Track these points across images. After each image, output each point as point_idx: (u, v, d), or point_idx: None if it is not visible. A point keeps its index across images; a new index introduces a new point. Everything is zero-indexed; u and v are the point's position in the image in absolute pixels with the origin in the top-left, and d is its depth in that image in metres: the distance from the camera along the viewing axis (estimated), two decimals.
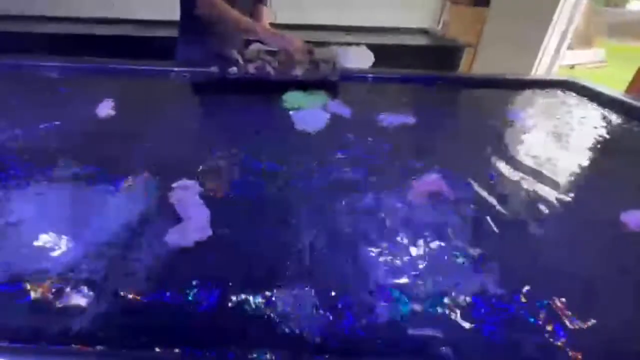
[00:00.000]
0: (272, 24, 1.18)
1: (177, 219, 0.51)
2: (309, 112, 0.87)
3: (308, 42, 1.23)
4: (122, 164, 0.63)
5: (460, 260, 0.46)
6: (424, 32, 2.31)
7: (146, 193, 0.57)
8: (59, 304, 0.38)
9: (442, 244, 0.48)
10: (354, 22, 2.24)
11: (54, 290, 0.40)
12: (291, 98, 0.93)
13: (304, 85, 0.97)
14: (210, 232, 0.49)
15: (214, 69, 0.97)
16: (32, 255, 0.45)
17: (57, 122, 0.76)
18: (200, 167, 0.63)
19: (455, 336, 0.36)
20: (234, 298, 0.40)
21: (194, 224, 0.50)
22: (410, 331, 0.37)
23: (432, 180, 0.63)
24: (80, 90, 0.95)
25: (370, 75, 1.10)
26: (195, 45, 1.09)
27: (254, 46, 1.15)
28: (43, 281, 0.41)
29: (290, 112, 0.86)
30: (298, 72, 0.97)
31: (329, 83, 0.99)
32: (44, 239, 0.47)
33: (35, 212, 0.52)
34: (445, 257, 0.46)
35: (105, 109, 0.83)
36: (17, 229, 0.49)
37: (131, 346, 0.35)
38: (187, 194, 0.55)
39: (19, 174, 0.60)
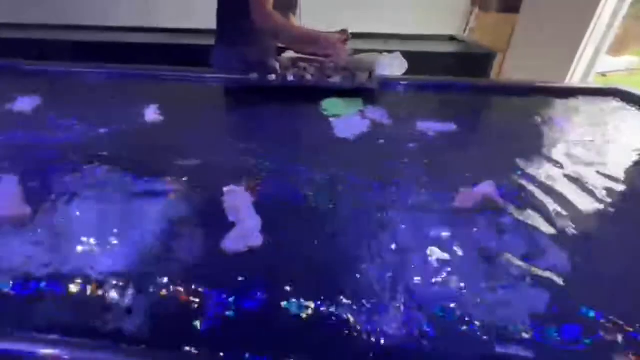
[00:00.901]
0: None
1: (229, 225, 0.52)
2: (348, 118, 0.87)
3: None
4: (171, 167, 0.65)
5: (530, 275, 0.44)
6: (451, 38, 2.28)
7: (196, 197, 0.58)
8: (108, 302, 0.39)
9: (506, 256, 0.47)
10: (380, 29, 2.24)
11: (104, 288, 0.41)
12: (330, 105, 0.93)
13: (340, 92, 0.98)
14: (261, 239, 0.50)
15: (253, 76, 0.98)
16: (85, 254, 0.46)
17: (105, 129, 0.79)
18: (247, 174, 0.64)
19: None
20: (284, 304, 0.39)
21: (247, 230, 0.50)
22: (492, 349, 0.35)
23: (482, 190, 0.61)
24: (126, 96, 0.99)
25: (405, 82, 1.09)
26: (232, 53, 1.11)
27: (288, 54, 1.16)
28: (92, 280, 0.42)
29: (330, 119, 0.86)
30: (336, 79, 0.97)
31: (365, 90, 0.99)
32: (95, 240, 0.48)
33: (89, 213, 0.54)
34: (512, 272, 0.44)
35: (152, 113, 0.85)
36: (73, 229, 0.51)
37: (179, 348, 0.35)
38: (237, 200, 0.56)
39: (78, 176, 0.62)
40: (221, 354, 0.34)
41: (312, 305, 0.39)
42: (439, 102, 1.04)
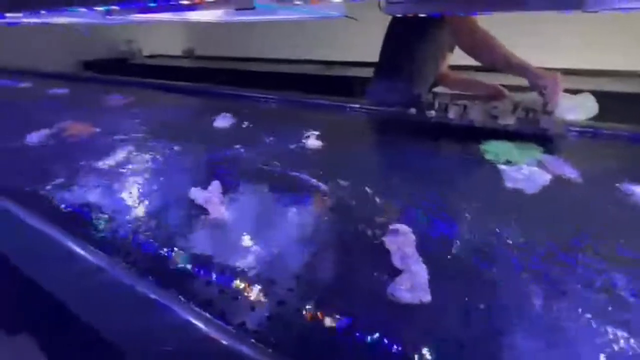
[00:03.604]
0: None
1: (392, 268, 0.49)
2: (522, 168, 0.75)
3: (503, 85, 1.11)
4: (328, 192, 0.68)
5: None
6: None
7: (354, 226, 0.58)
8: (250, 299, 0.42)
9: None
10: (562, 62, 1.92)
11: (249, 286, 0.43)
12: (496, 149, 0.82)
13: (509, 136, 0.86)
14: (430, 295, 0.45)
15: (411, 111, 0.97)
16: (240, 253, 0.50)
17: (276, 149, 0.90)
18: (406, 213, 0.60)
19: None
20: None
21: (417, 281, 0.46)
22: None
23: None
24: (292, 121, 1.13)
25: (600, 129, 0.88)
26: (391, 86, 1.14)
27: (444, 89, 1.12)
28: (239, 276, 0.45)
29: (499, 166, 0.76)
30: (510, 120, 0.86)
31: (543, 135, 0.84)
32: (247, 241, 0.52)
33: (258, 222, 0.60)
34: None
35: (313, 140, 0.94)
36: (244, 230, 0.57)
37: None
38: (402, 241, 0.53)
39: (244, 187, 0.72)
40: None
41: None
42: None
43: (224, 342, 0.37)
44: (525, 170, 0.73)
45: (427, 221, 0.59)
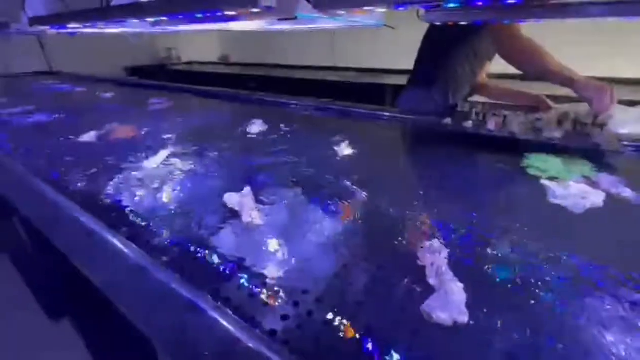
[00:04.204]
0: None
1: (426, 284, 0.47)
2: (569, 185, 0.70)
3: (549, 96, 1.05)
4: (360, 203, 0.67)
5: None
6: None
7: (389, 243, 0.56)
8: (278, 307, 0.41)
9: None
10: (626, 73, 1.78)
11: (279, 293, 0.43)
12: (540, 163, 0.77)
13: (554, 149, 0.80)
14: (467, 316, 0.42)
15: (446, 121, 0.94)
16: (269, 259, 0.50)
17: (304, 156, 0.90)
18: (442, 228, 0.58)
19: None
20: None
21: (453, 300, 0.44)
22: None
23: None
24: (322, 127, 1.13)
25: None
26: (425, 95, 1.12)
27: (481, 99, 1.07)
28: (269, 282, 0.44)
29: (543, 182, 0.71)
30: (556, 133, 0.81)
31: (594, 151, 0.78)
32: (277, 248, 0.52)
33: (287, 228, 0.60)
34: None
35: (344, 148, 0.93)
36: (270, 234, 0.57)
37: None
38: (438, 258, 0.51)
39: (276, 194, 0.72)
40: None
41: None
42: None
43: (253, 347, 0.37)
44: (573, 188, 0.68)
45: (463, 238, 0.56)
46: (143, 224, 0.62)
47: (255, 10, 0.47)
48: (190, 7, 0.51)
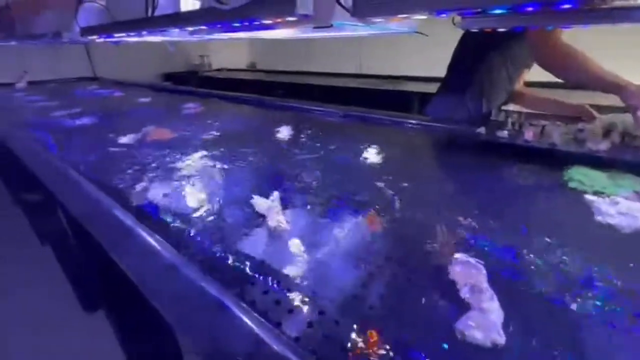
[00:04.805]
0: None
1: (459, 301, 0.45)
2: (617, 201, 0.65)
3: (592, 105, 0.99)
4: (391, 214, 0.65)
5: None
6: None
7: (420, 255, 0.54)
8: (304, 315, 0.41)
9: None
10: None
11: (305, 300, 0.42)
12: (583, 177, 0.72)
13: (599, 162, 0.75)
14: (503, 338, 0.40)
15: (480, 130, 0.91)
16: (297, 265, 0.49)
17: (334, 159, 0.90)
18: (475, 244, 0.56)
19: None
20: None
21: (488, 318, 0.42)
22: None
23: None
24: (348, 135, 1.13)
25: None
26: (457, 102, 1.09)
27: (515, 108, 1.03)
28: (295, 289, 0.43)
29: (587, 197, 0.67)
30: (601, 145, 0.76)
31: None
32: (303, 254, 0.52)
33: (313, 236, 0.59)
34: None
35: (372, 155, 0.92)
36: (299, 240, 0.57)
37: None
38: (473, 274, 0.49)
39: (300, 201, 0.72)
40: None
41: None
42: None
43: (278, 351, 0.37)
44: (621, 205, 0.63)
45: (499, 253, 0.53)
46: (172, 222, 0.64)
47: (291, 18, 0.48)
48: (230, 16, 0.53)
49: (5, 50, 2.78)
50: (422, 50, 2.32)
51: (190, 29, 0.74)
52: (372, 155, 0.93)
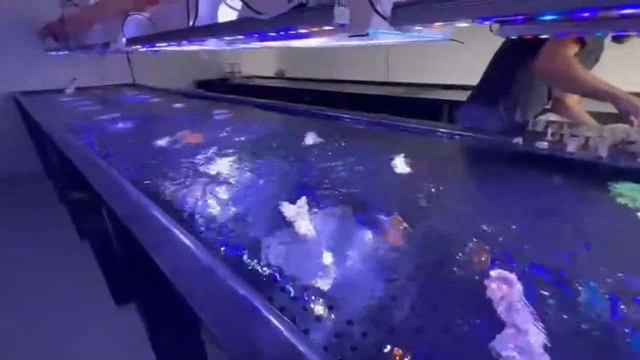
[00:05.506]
0: None
1: (494, 319, 0.43)
2: None
3: None
4: (417, 224, 0.63)
5: None
6: None
7: (452, 269, 0.52)
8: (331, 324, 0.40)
9: None
10: None
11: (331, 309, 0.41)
12: (635, 193, 0.67)
13: None
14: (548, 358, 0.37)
15: (517, 140, 0.87)
16: (322, 273, 0.48)
17: (360, 167, 0.90)
18: (515, 260, 0.53)
19: None
20: None
21: (526, 339, 0.39)
22: None
23: None
24: (375, 142, 1.12)
25: None
26: (490, 111, 1.05)
27: (552, 117, 0.97)
28: (321, 297, 0.42)
29: (639, 215, 0.62)
30: None
31: None
32: (329, 262, 0.51)
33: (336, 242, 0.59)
34: None
35: (400, 164, 0.91)
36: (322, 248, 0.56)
37: None
38: (510, 292, 0.46)
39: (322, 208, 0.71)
40: None
41: None
42: None
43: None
44: None
45: (539, 271, 0.50)
46: (202, 223, 0.66)
47: (328, 27, 0.49)
48: (267, 26, 0.55)
49: (56, 60, 3.03)
50: (451, 57, 2.28)
51: (228, 38, 0.77)
52: (401, 162, 0.91)
